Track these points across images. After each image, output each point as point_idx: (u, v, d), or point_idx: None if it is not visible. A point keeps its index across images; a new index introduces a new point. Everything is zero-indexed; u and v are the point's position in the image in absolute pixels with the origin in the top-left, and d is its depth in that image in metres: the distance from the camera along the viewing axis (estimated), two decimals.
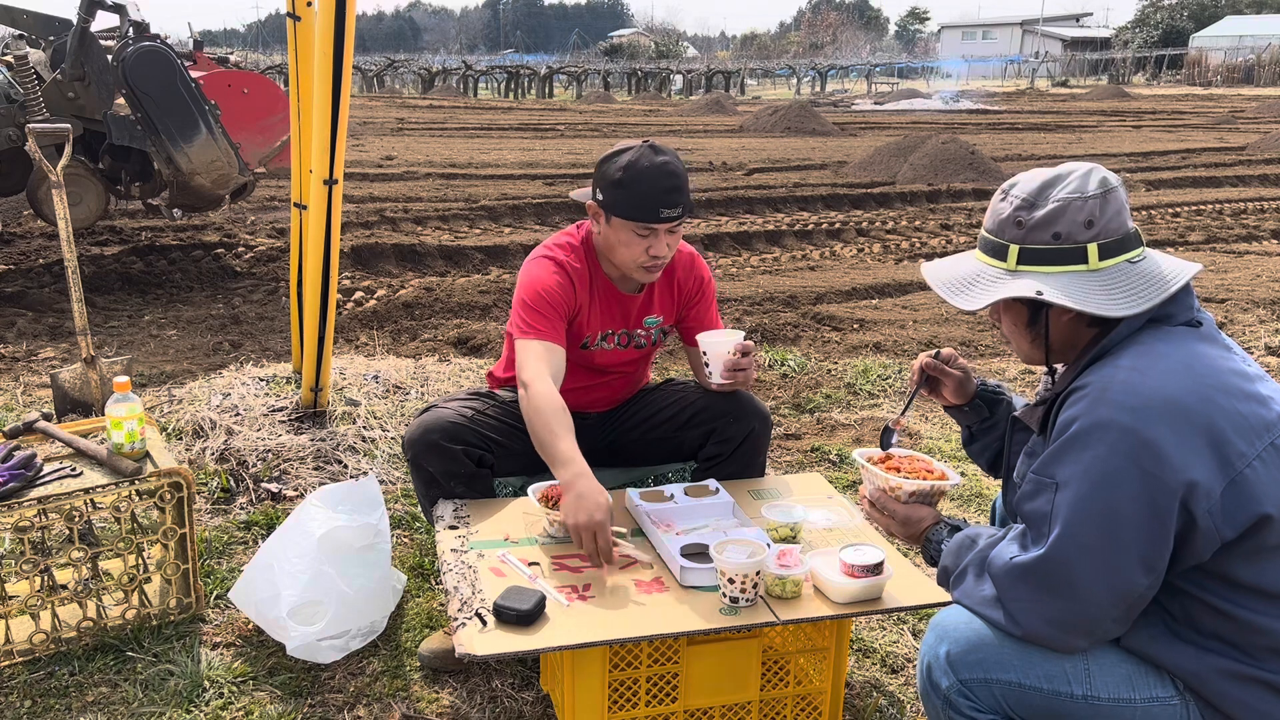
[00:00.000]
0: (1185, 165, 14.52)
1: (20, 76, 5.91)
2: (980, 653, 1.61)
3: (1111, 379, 1.53)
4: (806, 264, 7.99)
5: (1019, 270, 1.63)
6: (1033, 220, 1.62)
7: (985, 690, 1.61)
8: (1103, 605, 1.53)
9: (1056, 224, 1.60)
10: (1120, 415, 1.49)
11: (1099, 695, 1.58)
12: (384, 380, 4.09)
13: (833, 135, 19.42)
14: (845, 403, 4.48)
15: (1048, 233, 1.61)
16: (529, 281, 2.48)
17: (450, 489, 2.43)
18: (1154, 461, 1.47)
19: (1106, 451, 1.49)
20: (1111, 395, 1.51)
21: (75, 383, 3.81)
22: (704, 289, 2.70)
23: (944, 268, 1.76)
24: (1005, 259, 1.64)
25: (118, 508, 2.43)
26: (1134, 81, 51.28)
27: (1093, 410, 1.52)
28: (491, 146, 16.30)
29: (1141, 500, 1.48)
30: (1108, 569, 1.51)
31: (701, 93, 37.03)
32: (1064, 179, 1.62)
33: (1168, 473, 1.47)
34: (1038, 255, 1.62)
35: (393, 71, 40.66)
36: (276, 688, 2.35)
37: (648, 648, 1.97)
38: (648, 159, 2.38)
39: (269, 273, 7.07)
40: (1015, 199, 1.64)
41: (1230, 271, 7.64)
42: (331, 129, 3.15)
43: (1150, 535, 1.49)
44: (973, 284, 1.68)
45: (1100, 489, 1.50)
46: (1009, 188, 1.67)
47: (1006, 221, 1.64)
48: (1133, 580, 1.51)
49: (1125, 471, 1.48)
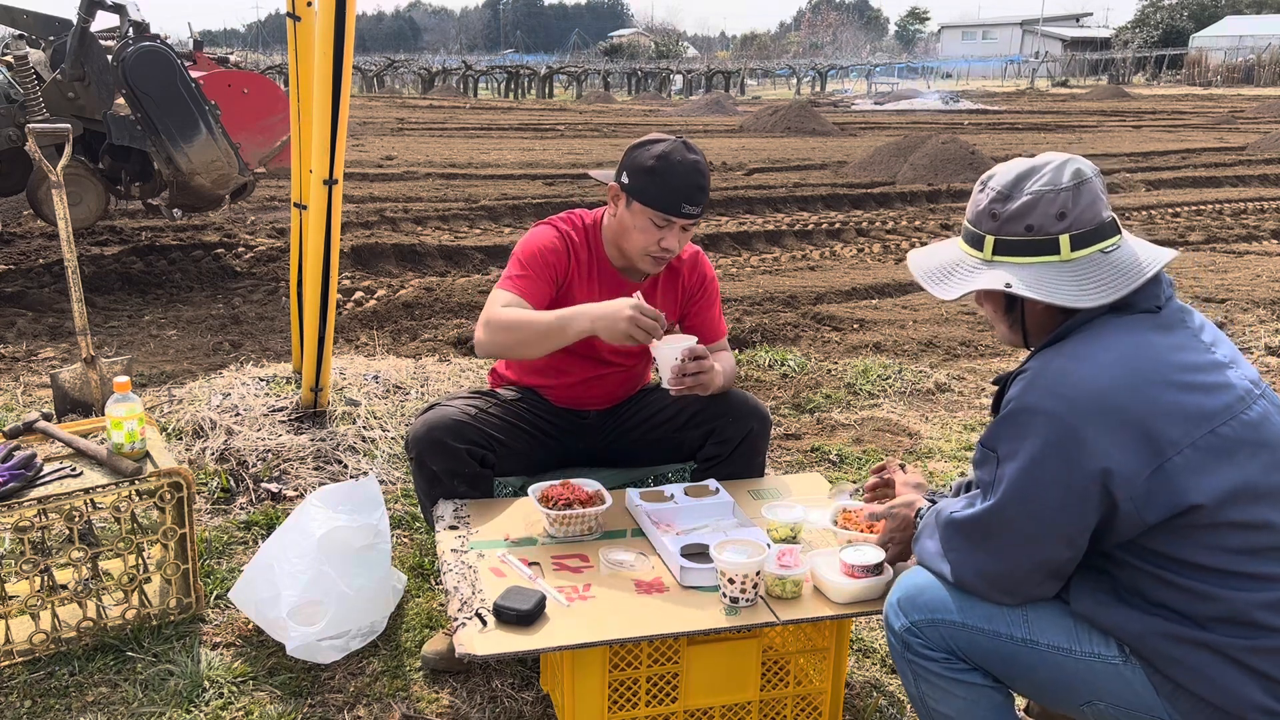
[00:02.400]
0: (1185, 165, 14.52)
1: (20, 76, 5.91)
2: (925, 596, 1.74)
3: (1048, 365, 1.61)
4: (806, 264, 7.99)
5: (994, 260, 1.69)
6: (1007, 212, 1.67)
7: (933, 630, 1.72)
8: (1024, 569, 1.65)
9: (1029, 216, 1.65)
10: (1048, 401, 1.58)
11: (1038, 641, 1.67)
12: (384, 380, 4.09)
13: (833, 135, 19.43)
14: (845, 403, 4.48)
15: (1021, 225, 1.66)
16: (523, 242, 2.58)
17: (453, 488, 2.43)
18: (1075, 447, 1.55)
19: (1034, 434, 1.58)
20: (1045, 381, 1.60)
21: (75, 383, 3.81)
22: (706, 287, 2.71)
23: (926, 255, 1.83)
24: (982, 249, 1.71)
25: (118, 508, 2.43)
26: (1134, 81, 51.28)
27: (1026, 394, 1.61)
28: (491, 146, 16.30)
29: (1062, 483, 1.57)
30: (1029, 539, 1.62)
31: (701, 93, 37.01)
32: (1039, 171, 1.67)
33: (1086, 459, 1.54)
34: (1012, 246, 1.67)
35: (393, 71, 40.65)
36: (276, 688, 2.35)
37: (648, 648, 1.97)
38: (680, 154, 2.43)
39: (269, 273, 7.06)
40: (991, 190, 1.69)
41: (1230, 271, 7.63)
42: (331, 129, 3.15)
43: (1069, 514, 1.58)
44: (950, 273, 1.75)
45: (1027, 467, 1.59)
46: (987, 178, 1.72)
47: (983, 213, 1.70)
48: (1053, 551, 1.62)
49: (1048, 454, 1.57)
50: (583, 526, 2.24)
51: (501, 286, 2.50)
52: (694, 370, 2.36)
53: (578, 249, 2.57)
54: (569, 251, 2.55)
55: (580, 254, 2.57)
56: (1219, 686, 1.54)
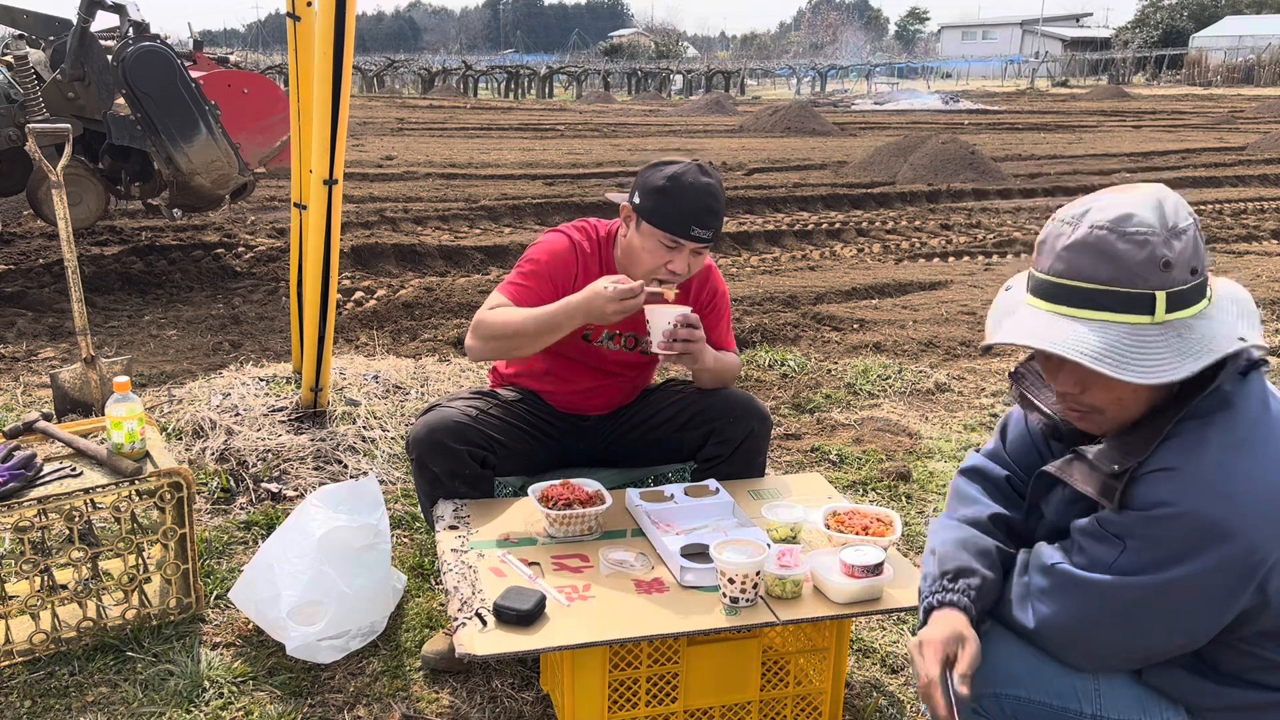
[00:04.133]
0: (1185, 165, 14.52)
1: (20, 76, 5.91)
2: (988, 665, 1.56)
3: (1202, 462, 1.39)
4: (806, 264, 7.99)
5: (1169, 320, 1.38)
6: (1178, 256, 1.36)
7: (994, 704, 1.58)
8: (1127, 650, 1.50)
9: (1195, 256, 1.38)
10: (1213, 506, 1.36)
11: (1108, 716, 1.55)
12: (384, 380, 4.09)
13: (833, 135, 19.42)
14: (845, 403, 4.48)
15: (1188, 269, 1.38)
16: (532, 247, 2.60)
17: (453, 489, 2.43)
18: (1241, 553, 1.36)
19: (1191, 539, 1.38)
20: (1204, 482, 1.38)
21: (75, 383, 3.81)
22: (716, 301, 2.69)
23: (1053, 335, 1.42)
24: (1152, 311, 1.38)
25: (118, 508, 2.43)
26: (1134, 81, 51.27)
27: (1184, 498, 1.38)
28: (491, 146, 16.30)
29: (1214, 587, 1.39)
30: (1147, 628, 1.45)
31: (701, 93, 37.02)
32: (1160, 200, 1.41)
33: (1251, 562, 1.37)
34: (1183, 298, 1.38)
35: (393, 71, 40.66)
36: (276, 688, 2.35)
37: (648, 648, 1.97)
38: (693, 175, 2.41)
39: (269, 273, 7.06)
40: (1146, 228, 1.37)
41: (1230, 271, 7.63)
42: (331, 129, 3.15)
43: (1208, 614, 1.42)
44: (1140, 351, 1.38)
45: (1170, 566, 1.40)
46: (1122, 221, 1.38)
47: (1146, 263, 1.37)
48: (1168, 642, 1.47)
49: (1204, 559, 1.38)
50: (583, 526, 2.24)
51: (499, 289, 2.51)
52: (685, 336, 2.37)
53: (588, 260, 2.55)
54: (579, 262, 2.54)
55: (591, 265, 2.55)
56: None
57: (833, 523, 2.18)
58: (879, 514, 2.20)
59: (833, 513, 2.22)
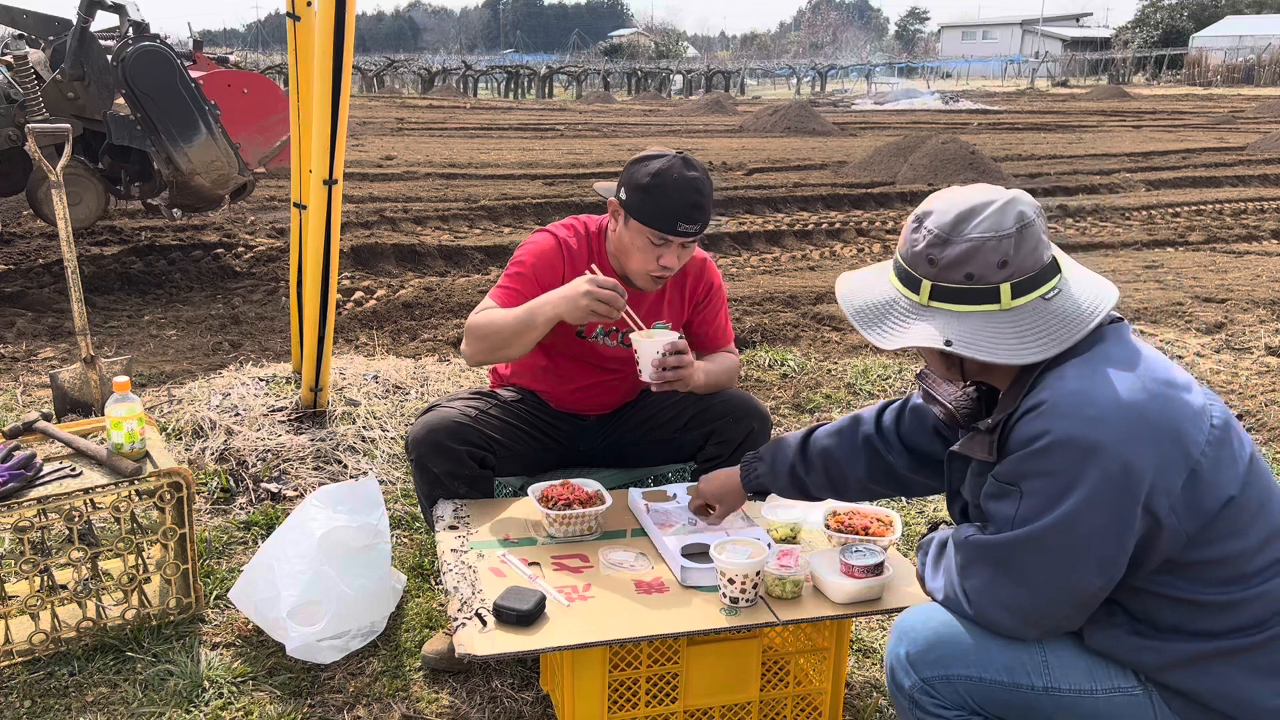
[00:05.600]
0: (1185, 165, 14.51)
1: (20, 76, 5.91)
2: (939, 650, 1.62)
3: (1061, 393, 1.52)
4: (806, 264, 7.99)
5: (931, 306, 1.60)
6: (946, 258, 1.57)
7: (947, 686, 1.62)
8: (1054, 601, 1.56)
9: (970, 264, 1.55)
10: (1081, 428, 1.48)
11: (1059, 686, 1.60)
12: (384, 380, 4.09)
13: (833, 135, 19.42)
14: (845, 403, 4.48)
15: (960, 272, 1.56)
16: (519, 249, 2.57)
17: (453, 489, 2.43)
18: (1121, 472, 1.46)
19: (1068, 465, 1.49)
20: (1067, 409, 1.50)
21: (75, 383, 3.81)
22: (712, 295, 2.69)
23: (858, 287, 1.72)
24: (918, 293, 1.61)
25: (117, 508, 2.43)
26: (1134, 81, 51.29)
27: (1053, 425, 1.50)
28: (491, 146, 16.30)
29: (1102, 508, 1.48)
30: (1063, 569, 1.53)
31: (701, 93, 37.04)
32: (979, 213, 1.56)
33: (1133, 482, 1.47)
34: (950, 294, 1.58)
35: (392, 71, 40.66)
36: (276, 688, 2.35)
37: (648, 648, 1.97)
38: (678, 170, 2.37)
39: (269, 273, 7.06)
40: (928, 232, 1.59)
41: (1230, 271, 7.63)
42: (331, 129, 3.15)
43: (1109, 541, 1.50)
44: (884, 316, 1.65)
45: (1062, 498, 1.50)
46: (923, 216, 1.61)
47: (919, 255, 1.60)
48: (1087, 581, 1.53)
49: (1085, 481, 1.48)
50: (583, 526, 2.24)
51: (490, 294, 2.51)
52: (674, 365, 2.33)
53: (576, 257, 2.53)
54: (565, 261, 2.51)
55: (579, 263, 2.52)
56: (1233, 699, 1.52)
57: (833, 523, 2.18)
58: (879, 514, 2.19)
59: (833, 513, 2.21)
